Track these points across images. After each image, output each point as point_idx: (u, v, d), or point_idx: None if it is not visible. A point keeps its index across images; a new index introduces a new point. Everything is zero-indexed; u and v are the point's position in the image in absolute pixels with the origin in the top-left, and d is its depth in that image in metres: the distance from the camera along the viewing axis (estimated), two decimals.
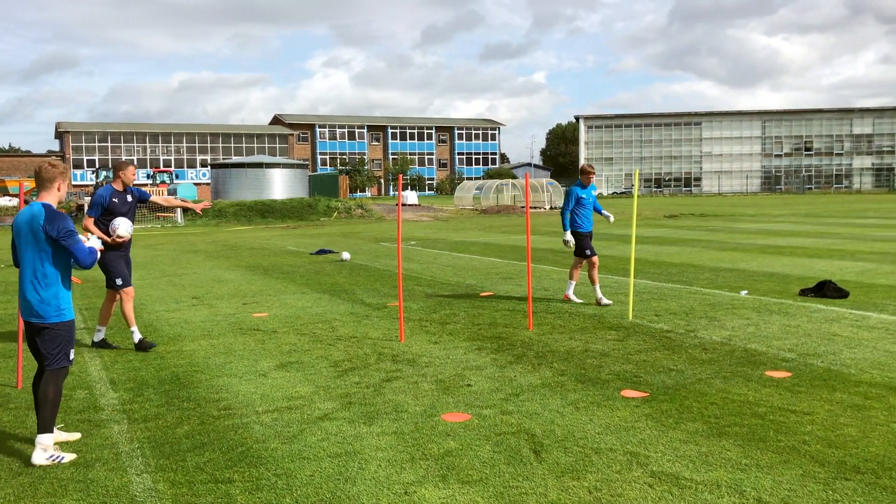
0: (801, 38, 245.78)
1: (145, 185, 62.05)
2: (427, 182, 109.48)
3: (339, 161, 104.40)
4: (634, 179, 10.58)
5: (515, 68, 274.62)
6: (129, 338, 8.47)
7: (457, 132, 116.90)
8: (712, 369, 6.88)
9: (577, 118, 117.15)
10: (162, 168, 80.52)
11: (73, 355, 5.15)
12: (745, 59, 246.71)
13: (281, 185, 51.91)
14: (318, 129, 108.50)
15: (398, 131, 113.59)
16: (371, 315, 10.20)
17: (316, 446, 5.06)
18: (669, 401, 5.93)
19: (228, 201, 44.64)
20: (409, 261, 17.39)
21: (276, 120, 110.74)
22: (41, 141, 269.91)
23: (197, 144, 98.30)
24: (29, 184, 57.44)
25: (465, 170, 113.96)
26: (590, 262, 10.71)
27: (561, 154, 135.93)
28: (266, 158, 58.47)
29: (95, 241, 5.31)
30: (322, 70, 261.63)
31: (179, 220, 39.33)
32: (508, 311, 10.27)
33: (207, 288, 13.33)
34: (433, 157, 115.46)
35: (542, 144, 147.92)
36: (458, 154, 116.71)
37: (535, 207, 49.14)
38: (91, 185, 54.60)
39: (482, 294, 11.90)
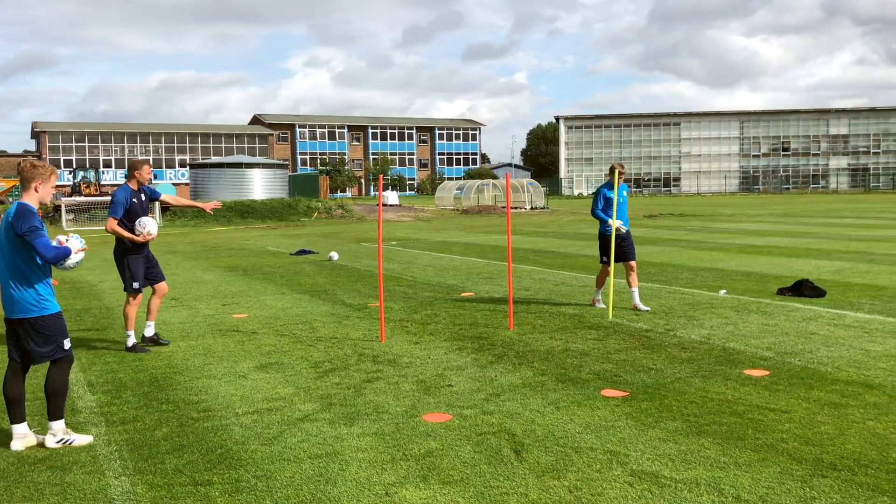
0: (778, 40, 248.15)
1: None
2: (408, 182, 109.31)
3: (319, 161, 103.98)
4: (614, 180, 10.48)
5: (497, 68, 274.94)
6: (126, 338, 8.32)
7: (437, 132, 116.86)
8: (691, 368, 6.93)
9: (558, 119, 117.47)
10: None
11: (68, 345, 5.27)
12: (724, 60, 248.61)
13: (261, 185, 51.61)
14: (298, 129, 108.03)
15: (379, 131, 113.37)
16: (352, 316, 10.17)
17: (296, 448, 5.04)
18: (649, 400, 5.96)
19: (208, 202, 44.28)
20: (390, 261, 17.36)
21: (256, 120, 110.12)
22: (17, 141, 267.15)
23: (175, 144, 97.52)
24: (4, 184, 56.76)
25: (446, 170, 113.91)
26: (628, 266, 10.27)
27: (541, 154, 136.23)
28: (246, 158, 58.08)
29: (75, 242, 5.26)
30: (302, 70, 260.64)
31: (158, 220, 38.99)
32: (489, 310, 10.28)
33: (186, 289, 13.24)
34: (414, 157, 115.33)
35: (523, 145, 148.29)
36: (439, 154, 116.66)
37: (515, 207, 49.24)
38: (69, 186, 53.95)
39: (463, 294, 11.90)
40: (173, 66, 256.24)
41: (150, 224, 8.08)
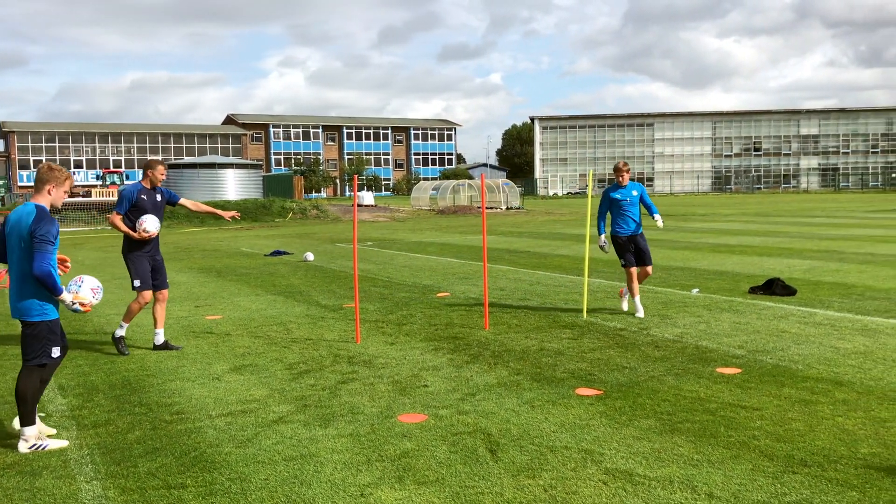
0: (750, 41, 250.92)
1: (95, 186, 60.80)
2: (383, 182, 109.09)
3: (293, 161, 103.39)
4: (588, 180, 10.49)
5: (472, 69, 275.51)
6: (131, 337, 8.21)
7: (413, 132, 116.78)
8: (664, 367, 6.99)
9: (533, 119, 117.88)
10: (112, 169, 78.93)
11: (55, 353, 5.23)
12: (697, 62, 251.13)
13: (234, 185, 51.23)
14: (272, 129, 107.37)
15: (353, 131, 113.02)
16: (327, 317, 10.14)
17: (271, 450, 5.01)
18: (623, 398, 6.00)
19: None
20: (366, 262, 17.32)
21: (230, 120, 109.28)
22: None
23: (148, 145, 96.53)
24: None
25: (422, 170, 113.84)
26: (642, 271, 9.80)
27: (517, 155, 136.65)
28: (219, 159, 57.61)
29: (85, 295, 5.30)
30: (277, 69, 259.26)
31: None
32: (465, 311, 10.30)
33: None
34: (389, 157, 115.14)
35: (499, 145, 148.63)
36: (415, 154, 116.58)
37: (491, 208, 49.34)
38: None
39: (439, 294, 11.91)
40: (147, 66, 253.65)
41: (149, 222, 7.90)
